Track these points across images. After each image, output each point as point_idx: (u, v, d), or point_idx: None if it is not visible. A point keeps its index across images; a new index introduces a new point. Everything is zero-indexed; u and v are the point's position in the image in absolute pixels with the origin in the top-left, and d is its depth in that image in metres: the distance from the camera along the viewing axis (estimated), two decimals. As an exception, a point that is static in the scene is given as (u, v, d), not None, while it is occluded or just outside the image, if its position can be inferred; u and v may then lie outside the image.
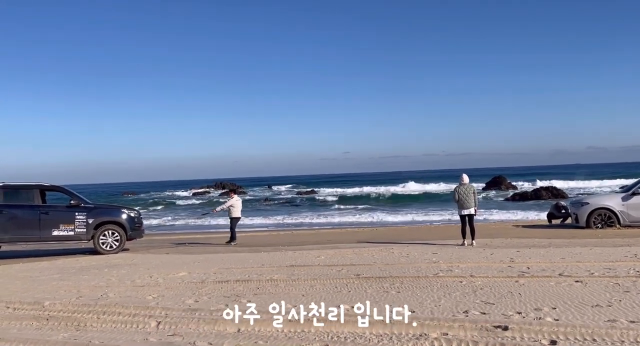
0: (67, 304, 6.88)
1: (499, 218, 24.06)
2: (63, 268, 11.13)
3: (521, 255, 10.08)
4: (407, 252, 11.39)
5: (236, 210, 15.88)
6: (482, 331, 4.86)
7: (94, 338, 5.29)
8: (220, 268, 9.91)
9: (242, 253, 12.57)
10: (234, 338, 5.09)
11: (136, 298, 7.12)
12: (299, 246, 14.04)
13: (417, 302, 6.16)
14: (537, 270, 8.18)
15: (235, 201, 16.02)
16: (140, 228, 14.59)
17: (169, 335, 5.30)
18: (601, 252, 10.14)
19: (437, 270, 8.57)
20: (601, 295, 6.17)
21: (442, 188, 55.53)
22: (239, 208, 15.96)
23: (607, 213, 15.20)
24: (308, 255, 11.46)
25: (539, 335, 4.65)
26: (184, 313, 6.12)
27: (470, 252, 11.06)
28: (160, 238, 19.53)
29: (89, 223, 13.78)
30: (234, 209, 15.88)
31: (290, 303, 6.32)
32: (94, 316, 6.19)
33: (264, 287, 7.60)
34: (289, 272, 8.93)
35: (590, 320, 5.04)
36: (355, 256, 10.93)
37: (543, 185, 44.07)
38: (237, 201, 16.08)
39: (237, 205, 15.96)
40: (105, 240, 13.88)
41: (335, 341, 4.81)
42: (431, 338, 4.72)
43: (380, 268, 9.04)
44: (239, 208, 15.96)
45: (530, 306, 5.75)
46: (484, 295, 6.44)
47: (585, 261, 8.83)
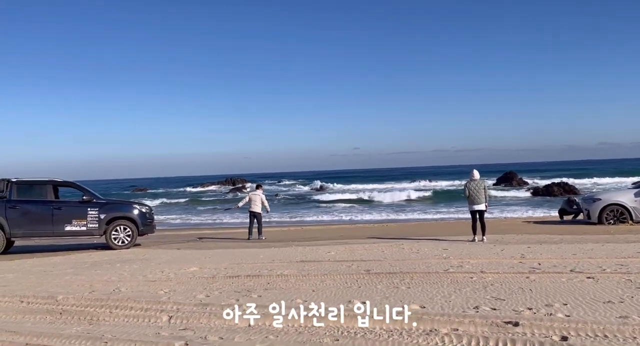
0: (80, 298, 6.95)
1: (509, 214, 23.94)
2: (76, 263, 11.24)
3: (532, 251, 10.03)
4: (418, 247, 11.38)
5: (253, 204, 15.92)
6: (492, 327, 4.85)
7: (107, 332, 5.35)
8: (231, 263, 9.96)
9: (253, 249, 12.62)
10: (245, 332, 5.12)
11: (148, 293, 7.18)
12: (309, 242, 14.07)
13: (427, 298, 6.15)
14: (548, 266, 8.13)
15: (252, 195, 16.10)
16: (151, 223, 14.70)
17: (180, 329, 5.34)
18: (613, 248, 10.06)
19: (448, 266, 8.55)
20: (613, 291, 6.13)
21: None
22: (256, 203, 15.95)
23: (620, 209, 15.08)
24: (318, 250, 11.48)
25: (550, 331, 4.63)
26: (195, 307, 6.16)
27: (481, 248, 11.02)
28: (171, 233, 19.66)
29: (101, 219, 13.90)
30: (251, 203, 15.94)
31: (301, 298, 6.36)
32: (107, 311, 6.25)
33: (275, 282, 7.62)
34: (300, 268, 8.95)
35: (602, 317, 5.01)
36: (366, 252, 10.93)
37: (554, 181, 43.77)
38: (254, 195, 16.11)
39: (255, 199, 15.97)
40: (117, 235, 14.00)
41: (346, 336, 4.82)
42: (441, 333, 4.72)
43: (391, 263, 9.04)
44: (256, 202, 15.95)
45: (541, 302, 5.72)
46: (494, 290, 6.43)
47: (597, 258, 8.77)
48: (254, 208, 15.92)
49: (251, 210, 15.93)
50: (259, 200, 15.97)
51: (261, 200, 16.01)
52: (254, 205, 15.92)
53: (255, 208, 15.92)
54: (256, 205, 15.94)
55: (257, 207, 15.94)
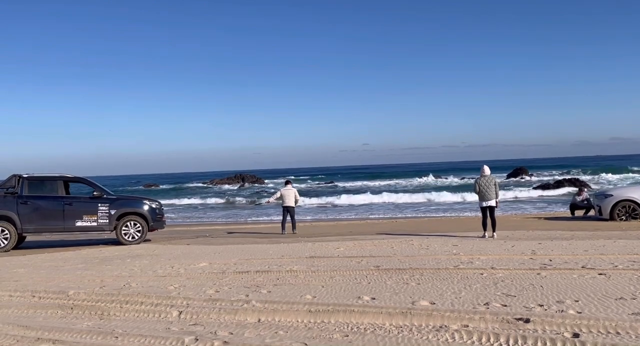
0: (91, 293, 7.00)
1: (520, 211, 23.80)
2: (87, 258, 11.32)
3: (543, 247, 9.96)
4: (427, 243, 11.34)
5: (287, 200, 15.97)
6: (503, 323, 4.82)
7: (117, 327, 5.38)
8: (241, 259, 9.98)
9: (262, 245, 12.64)
10: (254, 327, 5.13)
11: (158, 288, 7.21)
12: (319, 237, 14.06)
13: (437, 294, 6.13)
14: (559, 262, 8.07)
15: (284, 191, 16.14)
16: (161, 219, 14.75)
17: (190, 325, 5.36)
18: (625, 244, 9.97)
19: (458, 262, 8.51)
20: (625, 287, 6.07)
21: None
22: (289, 198, 15.99)
23: (632, 205, 14.93)
24: (327, 246, 11.47)
25: (561, 327, 4.60)
26: (205, 303, 6.18)
27: (491, 244, 10.96)
28: (182, 229, 19.76)
29: (111, 214, 13.97)
30: (285, 199, 16.00)
31: (310, 294, 6.36)
32: (117, 306, 6.29)
33: (284, 278, 7.63)
34: (309, 263, 8.95)
35: (614, 313, 4.97)
36: (375, 247, 10.91)
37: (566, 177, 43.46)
38: (287, 190, 16.14)
39: (287, 194, 16.03)
40: (127, 230, 14.07)
41: (355, 332, 4.82)
42: (451, 329, 4.70)
43: (400, 259, 9.01)
44: (289, 197, 16.00)
45: (553, 298, 5.68)
46: (505, 287, 6.39)
47: (609, 254, 8.69)
48: (289, 203, 16.03)
49: (285, 205, 16.03)
50: (292, 195, 16.09)
51: (294, 195, 16.16)
52: (288, 200, 16.02)
53: (289, 203, 16.03)
54: (291, 200, 16.05)
55: (292, 201, 16.06)
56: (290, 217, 15.98)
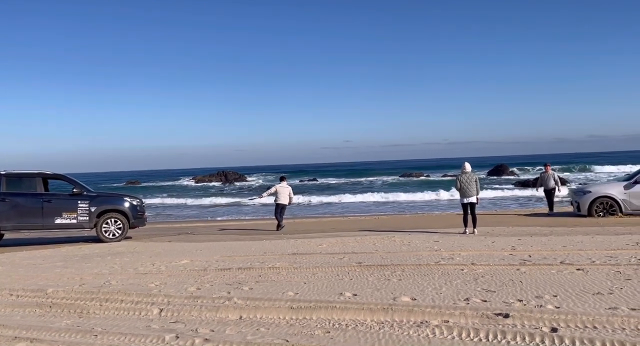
0: (70, 291, 6.92)
1: (500, 207, 24.05)
2: (66, 256, 11.18)
3: (522, 243, 10.08)
4: (409, 240, 11.41)
5: (281, 197, 15.95)
6: (483, 318, 4.87)
7: (97, 325, 5.32)
8: (223, 256, 9.94)
9: (244, 241, 12.60)
10: (236, 325, 5.11)
11: (139, 286, 7.15)
12: (302, 234, 14.07)
13: (418, 290, 6.17)
14: (538, 258, 8.18)
15: (279, 187, 16.09)
16: (142, 216, 14.64)
17: (171, 322, 5.32)
18: (603, 240, 10.13)
19: (439, 258, 8.58)
20: (602, 283, 6.18)
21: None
22: (284, 195, 15.98)
23: (609, 201, 15.18)
24: (310, 243, 11.48)
25: (540, 322, 4.66)
26: (186, 300, 6.15)
27: (472, 240, 11.07)
28: (163, 226, 19.60)
29: (91, 212, 13.83)
30: (279, 195, 15.96)
31: (292, 291, 6.36)
32: (97, 304, 6.23)
33: (266, 275, 7.62)
34: (291, 260, 8.95)
35: (592, 308, 5.04)
36: (357, 244, 10.95)
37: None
38: (282, 187, 16.09)
39: (282, 191, 16.00)
40: (108, 228, 13.93)
41: (337, 329, 4.83)
42: (432, 325, 4.73)
43: (382, 256, 9.05)
44: (283, 194, 15.98)
45: (532, 294, 5.75)
46: (485, 282, 6.45)
47: (587, 250, 8.83)
48: (282, 200, 16.00)
49: (279, 202, 16.00)
50: (286, 193, 16.06)
51: (289, 193, 16.14)
52: (282, 197, 15.98)
53: (283, 200, 16.01)
54: (284, 197, 16.02)
55: (285, 199, 16.05)
56: (280, 213, 15.97)
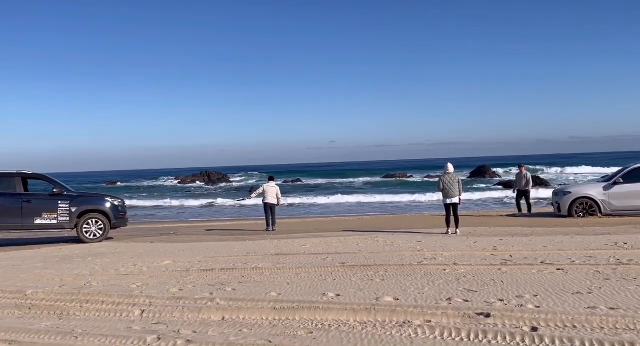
0: (50, 293, 6.83)
1: (482, 208, 24.26)
2: (46, 256, 11.04)
3: (504, 243, 10.18)
4: (392, 240, 11.45)
5: (268, 196, 15.86)
6: (464, 318, 4.91)
7: (77, 327, 5.26)
8: (206, 256, 9.89)
9: (228, 242, 12.55)
10: (218, 326, 5.09)
11: (120, 287, 7.08)
12: (285, 234, 14.05)
13: (401, 290, 6.20)
14: (519, 258, 8.27)
15: (267, 187, 16.01)
16: (124, 216, 14.51)
17: (152, 324, 5.28)
18: (582, 240, 10.27)
19: (421, 258, 8.63)
20: (582, 282, 6.26)
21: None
22: (271, 194, 15.89)
23: (589, 202, 15.39)
24: (294, 243, 11.47)
25: (520, 322, 4.71)
26: (168, 301, 6.10)
27: (454, 240, 11.15)
28: (145, 226, 19.44)
29: (72, 212, 13.66)
30: (266, 195, 15.89)
31: (275, 291, 6.35)
32: (77, 305, 6.15)
33: (249, 275, 7.59)
34: (275, 261, 8.93)
35: (571, 307, 5.11)
36: (341, 244, 10.96)
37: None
38: (269, 187, 16.02)
39: (269, 191, 15.92)
40: (88, 228, 13.78)
41: (320, 329, 4.83)
42: (414, 325, 4.76)
43: (365, 256, 9.08)
44: (271, 194, 15.90)
45: (512, 293, 5.81)
46: (467, 282, 6.51)
47: (567, 250, 8.94)
48: (270, 200, 15.90)
49: (266, 201, 15.90)
50: (274, 192, 15.98)
51: (276, 193, 16.05)
52: (270, 197, 15.90)
53: (271, 200, 15.91)
54: (272, 197, 15.94)
55: (273, 198, 15.95)
56: (271, 213, 15.86)
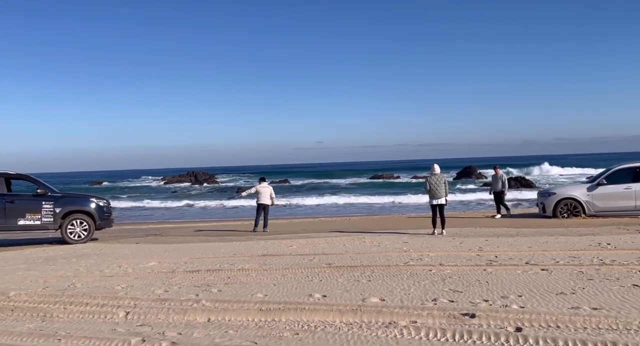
0: (33, 294, 6.75)
1: (468, 208, 24.40)
2: (29, 258, 10.91)
3: (489, 244, 10.25)
4: (379, 241, 11.48)
5: (262, 197, 15.78)
6: (450, 318, 4.93)
7: (61, 329, 5.21)
8: (191, 257, 9.84)
9: (214, 243, 12.50)
10: (204, 327, 5.06)
11: (104, 289, 7.02)
12: (272, 235, 14.03)
13: (387, 291, 6.21)
14: (504, 258, 8.33)
15: (260, 187, 15.92)
16: (109, 217, 14.38)
17: (137, 325, 5.24)
18: (566, 240, 10.37)
19: (408, 258, 8.66)
20: (566, 283, 6.32)
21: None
22: (265, 195, 15.80)
23: (573, 203, 15.54)
24: (280, 244, 11.45)
25: (505, 322, 4.75)
26: (153, 303, 6.06)
27: (440, 241, 11.20)
28: (130, 227, 19.29)
29: (56, 213, 13.52)
30: (260, 195, 15.81)
31: (262, 293, 6.33)
32: (61, 307, 6.09)
33: (236, 277, 7.57)
34: (261, 261, 8.91)
35: (555, 308, 5.16)
36: (328, 245, 10.97)
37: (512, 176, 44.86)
38: (263, 188, 15.93)
39: (263, 191, 15.84)
40: (73, 229, 13.64)
41: (306, 330, 4.83)
42: (400, 326, 4.77)
43: (352, 257, 9.09)
44: (265, 194, 15.81)
45: (497, 294, 5.85)
46: (452, 283, 6.54)
47: (551, 250, 9.02)
48: (263, 201, 15.81)
49: (260, 202, 15.81)
50: (267, 193, 15.88)
51: (270, 193, 15.96)
52: (263, 198, 15.80)
53: (265, 201, 15.82)
54: (265, 198, 15.84)
55: (267, 199, 15.86)
56: (263, 214, 15.78)
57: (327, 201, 33.15)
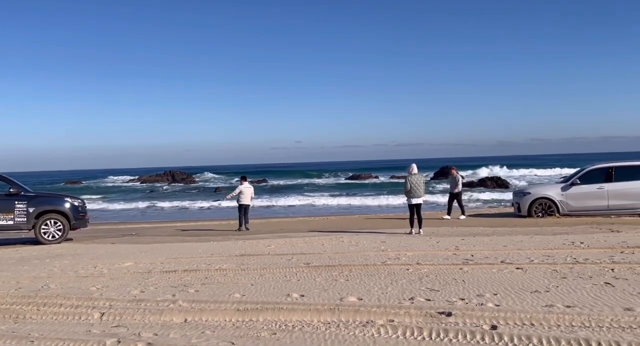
0: (5, 296, 6.62)
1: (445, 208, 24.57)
2: (1, 258, 10.69)
3: (466, 243, 10.36)
4: (357, 240, 11.52)
5: (245, 197, 15.95)
6: (426, 317, 4.97)
7: (34, 331, 5.11)
8: (168, 257, 9.75)
9: (191, 243, 12.41)
10: (180, 328, 5.02)
11: (79, 289, 6.92)
12: (250, 235, 13.98)
13: (365, 290, 6.24)
14: (480, 257, 8.42)
15: (244, 188, 16.07)
16: (84, 217, 14.18)
17: (112, 327, 5.17)
18: (541, 240, 10.54)
19: (385, 258, 8.70)
20: (540, 281, 6.42)
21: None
22: (248, 195, 16.01)
23: (548, 202, 15.80)
24: (258, 244, 11.42)
25: (480, 320, 4.80)
26: (129, 303, 5.99)
27: (418, 240, 11.28)
28: (106, 227, 19.04)
29: (29, 212, 13.27)
30: (243, 196, 15.95)
31: (239, 293, 6.30)
32: (34, 308, 5.98)
33: (213, 277, 7.52)
34: (239, 261, 8.87)
35: (529, 306, 5.24)
36: (306, 245, 10.96)
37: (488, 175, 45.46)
38: (247, 188, 16.11)
39: (246, 192, 16.02)
40: (47, 229, 13.41)
41: (283, 330, 4.82)
42: (377, 324, 4.80)
43: (330, 256, 9.10)
44: (248, 195, 16.02)
45: (473, 292, 5.92)
46: (429, 282, 6.59)
47: (526, 249, 9.16)
48: (247, 201, 16.02)
49: (243, 202, 15.97)
50: (249, 193, 16.12)
51: (251, 193, 16.21)
52: (245, 198, 15.99)
53: (247, 201, 16.04)
54: (247, 198, 16.05)
55: (249, 199, 16.08)
56: (244, 213, 15.95)
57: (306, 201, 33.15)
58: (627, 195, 15.24)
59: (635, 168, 15.49)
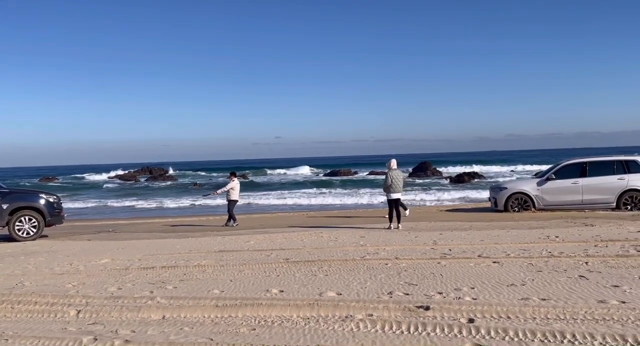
0: (-22, 294, 6.49)
1: (424, 203, 24.81)
2: (-26, 256, 10.47)
3: (444, 237, 10.46)
4: (336, 235, 11.54)
5: (235, 193, 16.05)
6: (405, 311, 5.01)
7: (8, 329, 5.03)
8: (146, 254, 9.66)
9: (170, 239, 12.30)
10: (158, 325, 4.98)
11: (55, 287, 6.82)
12: (229, 231, 13.92)
13: (344, 285, 6.26)
14: (458, 251, 8.52)
15: (235, 184, 16.14)
16: (60, 213, 13.96)
17: (89, 324, 5.11)
18: (517, 234, 10.69)
19: (364, 253, 8.74)
20: (516, 274, 6.52)
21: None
22: (236, 191, 16.15)
23: (524, 197, 16.02)
24: (237, 240, 11.37)
25: (458, 313, 4.86)
26: (106, 301, 5.92)
27: (396, 235, 11.36)
28: (82, 224, 18.77)
29: (3, 209, 13.03)
30: (233, 192, 16.04)
31: (218, 289, 6.27)
32: (8, 306, 5.88)
33: (191, 273, 7.47)
34: (218, 257, 8.83)
35: (506, 299, 5.32)
36: (285, 240, 10.96)
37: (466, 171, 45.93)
38: (237, 184, 16.24)
39: (237, 187, 16.17)
40: (21, 226, 13.18)
41: (263, 326, 4.82)
42: (356, 319, 4.82)
43: (309, 252, 9.11)
44: (237, 190, 16.16)
45: (451, 286, 5.99)
46: (407, 276, 6.65)
47: (503, 243, 9.28)
48: (236, 196, 16.15)
49: (233, 198, 16.04)
50: (238, 188, 16.30)
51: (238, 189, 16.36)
52: (235, 194, 16.11)
53: (237, 196, 16.20)
54: (236, 194, 16.20)
55: (237, 194, 16.24)
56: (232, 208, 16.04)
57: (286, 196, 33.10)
58: (600, 190, 15.53)
59: (608, 164, 15.79)
